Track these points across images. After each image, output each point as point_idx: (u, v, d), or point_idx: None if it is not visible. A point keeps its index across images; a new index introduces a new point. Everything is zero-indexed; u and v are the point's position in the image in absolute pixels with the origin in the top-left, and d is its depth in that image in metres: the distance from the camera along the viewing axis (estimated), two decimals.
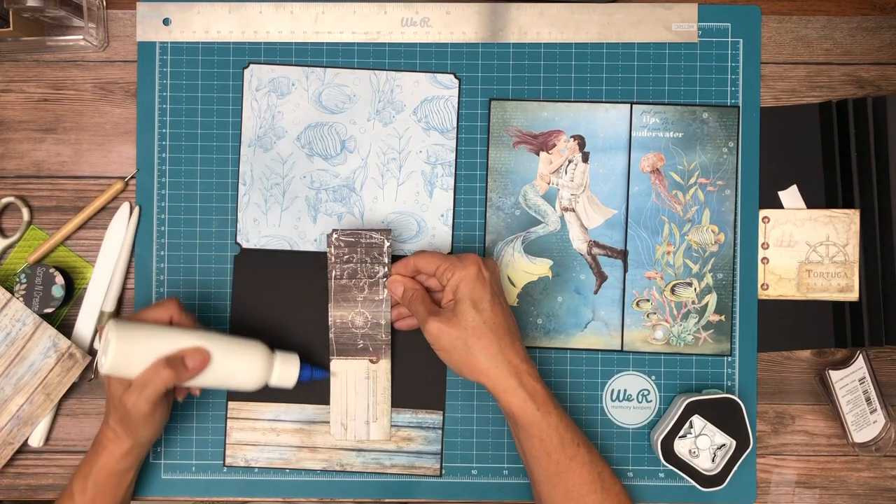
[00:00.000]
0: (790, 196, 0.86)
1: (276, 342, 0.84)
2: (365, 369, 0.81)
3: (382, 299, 0.80)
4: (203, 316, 0.84)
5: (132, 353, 0.71)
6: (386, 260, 0.79)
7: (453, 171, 0.85)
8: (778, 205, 0.86)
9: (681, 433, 0.81)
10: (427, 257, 0.77)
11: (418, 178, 0.85)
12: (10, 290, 0.82)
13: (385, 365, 0.81)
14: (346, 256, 0.79)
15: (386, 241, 0.79)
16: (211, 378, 0.74)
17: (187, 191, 0.85)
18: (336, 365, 0.81)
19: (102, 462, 0.75)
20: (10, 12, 0.79)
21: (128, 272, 0.85)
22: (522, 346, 0.76)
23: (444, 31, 0.85)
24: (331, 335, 0.81)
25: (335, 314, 0.80)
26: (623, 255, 0.85)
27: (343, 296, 0.80)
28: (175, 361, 0.72)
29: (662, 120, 0.85)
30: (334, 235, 0.79)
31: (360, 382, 0.82)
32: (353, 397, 0.82)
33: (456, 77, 0.85)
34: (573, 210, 0.85)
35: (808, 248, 0.85)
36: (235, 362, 0.75)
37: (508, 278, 0.85)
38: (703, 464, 0.81)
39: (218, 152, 0.85)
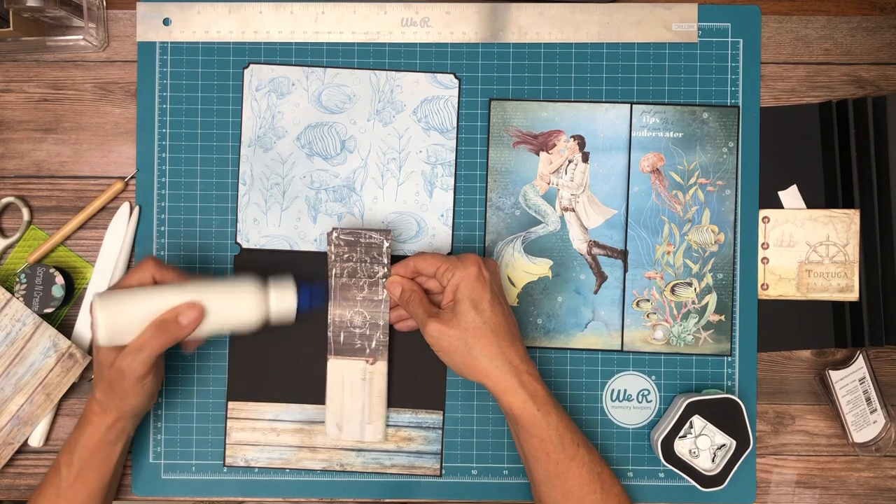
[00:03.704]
0: (790, 196, 0.86)
1: (275, 342, 0.84)
2: (361, 370, 0.81)
3: (381, 300, 0.80)
4: None
5: (122, 321, 0.71)
6: (385, 260, 0.79)
7: (453, 171, 0.85)
8: (778, 205, 0.86)
9: (681, 433, 0.81)
10: (427, 258, 0.77)
11: (418, 178, 0.85)
12: (10, 290, 0.82)
13: (381, 367, 0.81)
14: (345, 255, 0.79)
15: (385, 241, 0.79)
16: (209, 327, 0.74)
17: (187, 191, 0.85)
18: (333, 364, 0.81)
19: (87, 435, 0.75)
20: (10, 12, 0.79)
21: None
22: (523, 345, 0.76)
23: (444, 31, 0.85)
24: (329, 333, 0.81)
25: (334, 312, 0.80)
26: (623, 255, 0.85)
27: (343, 294, 0.80)
28: (169, 322, 0.71)
29: (662, 120, 0.85)
30: (334, 234, 0.79)
31: (356, 383, 0.82)
32: (349, 398, 0.82)
33: (456, 77, 0.85)
34: (573, 210, 0.85)
35: (808, 248, 0.85)
36: (229, 307, 0.74)
37: (508, 278, 0.85)
38: (703, 464, 0.81)
39: (218, 152, 0.85)
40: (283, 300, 0.76)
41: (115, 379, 0.72)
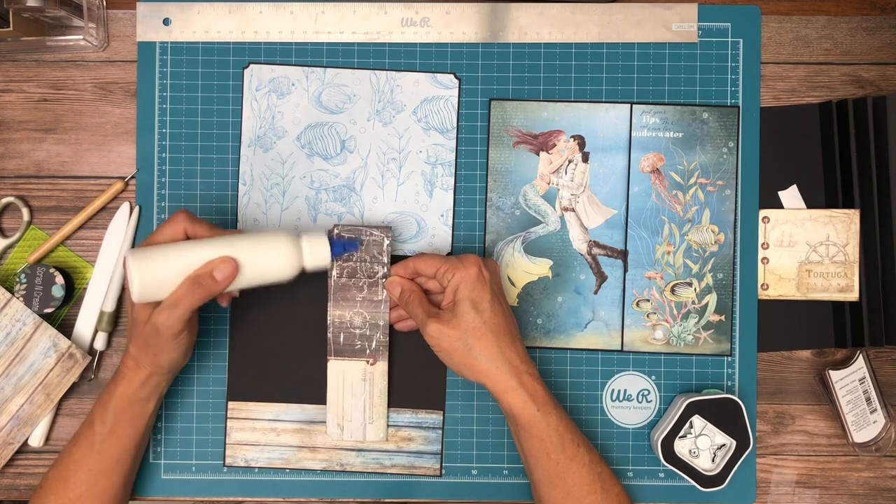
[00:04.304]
0: (790, 196, 0.86)
1: (275, 342, 0.84)
2: (362, 371, 0.81)
3: (381, 300, 0.80)
4: (202, 316, 0.84)
5: (157, 277, 0.70)
6: (385, 259, 0.79)
7: (453, 171, 0.85)
8: (778, 205, 0.86)
9: (681, 433, 0.81)
10: (427, 259, 0.77)
11: (418, 178, 0.85)
12: (10, 290, 0.82)
13: (382, 367, 0.81)
14: (345, 254, 0.79)
15: (385, 238, 0.79)
16: (245, 281, 0.73)
17: (187, 191, 0.85)
18: (333, 365, 0.81)
19: (122, 390, 0.75)
20: (10, 12, 0.79)
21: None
22: (523, 346, 0.76)
23: (444, 31, 0.85)
24: (329, 335, 0.81)
25: (334, 313, 0.80)
26: (623, 255, 0.85)
27: (342, 295, 0.80)
28: (204, 277, 0.71)
29: (662, 120, 0.85)
30: (335, 231, 0.79)
31: (356, 384, 0.82)
32: (350, 399, 0.82)
33: (456, 77, 0.85)
34: (573, 210, 0.85)
35: (808, 248, 0.85)
36: (264, 259, 0.73)
37: (508, 278, 0.85)
38: (703, 464, 0.81)
39: (218, 152, 0.85)
40: (316, 248, 0.75)
41: (151, 335, 0.72)
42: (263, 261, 0.73)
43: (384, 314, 0.80)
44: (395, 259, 0.81)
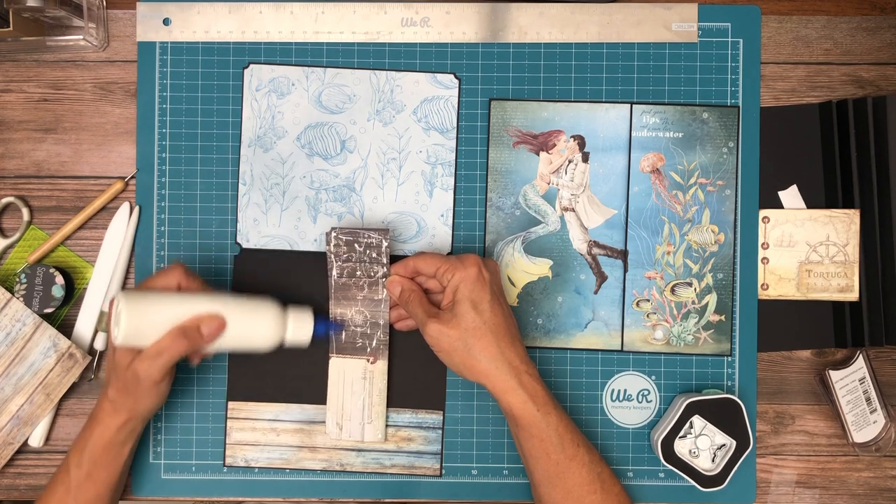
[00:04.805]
0: (790, 196, 0.86)
1: None
2: (362, 369, 0.81)
3: (381, 299, 0.80)
4: None
5: (145, 323, 0.71)
6: (385, 260, 0.79)
7: (453, 171, 0.85)
8: (778, 205, 0.86)
9: (681, 433, 0.81)
10: (427, 258, 0.77)
11: (418, 178, 0.85)
12: (10, 290, 0.82)
13: (382, 366, 0.81)
14: (345, 255, 0.79)
15: (384, 240, 0.79)
16: (226, 342, 0.74)
17: (187, 191, 0.85)
18: (334, 363, 0.81)
19: (97, 435, 0.75)
20: (10, 12, 0.79)
21: (128, 272, 0.85)
22: (522, 346, 0.76)
23: (444, 31, 0.85)
24: (331, 332, 0.81)
25: (335, 311, 0.81)
26: (623, 255, 0.85)
27: (343, 294, 0.80)
28: (190, 330, 0.71)
29: (662, 120, 0.85)
30: (333, 234, 0.79)
31: (356, 382, 0.82)
32: (350, 397, 0.82)
33: (456, 77, 0.85)
34: (573, 210, 0.85)
35: (808, 248, 0.85)
36: (249, 324, 0.74)
37: (508, 278, 0.85)
38: (703, 464, 0.81)
39: (218, 152, 0.85)
40: (300, 326, 0.77)
41: (131, 381, 0.72)
42: (248, 327, 0.75)
43: (384, 313, 0.80)
44: (395, 258, 0.81)
